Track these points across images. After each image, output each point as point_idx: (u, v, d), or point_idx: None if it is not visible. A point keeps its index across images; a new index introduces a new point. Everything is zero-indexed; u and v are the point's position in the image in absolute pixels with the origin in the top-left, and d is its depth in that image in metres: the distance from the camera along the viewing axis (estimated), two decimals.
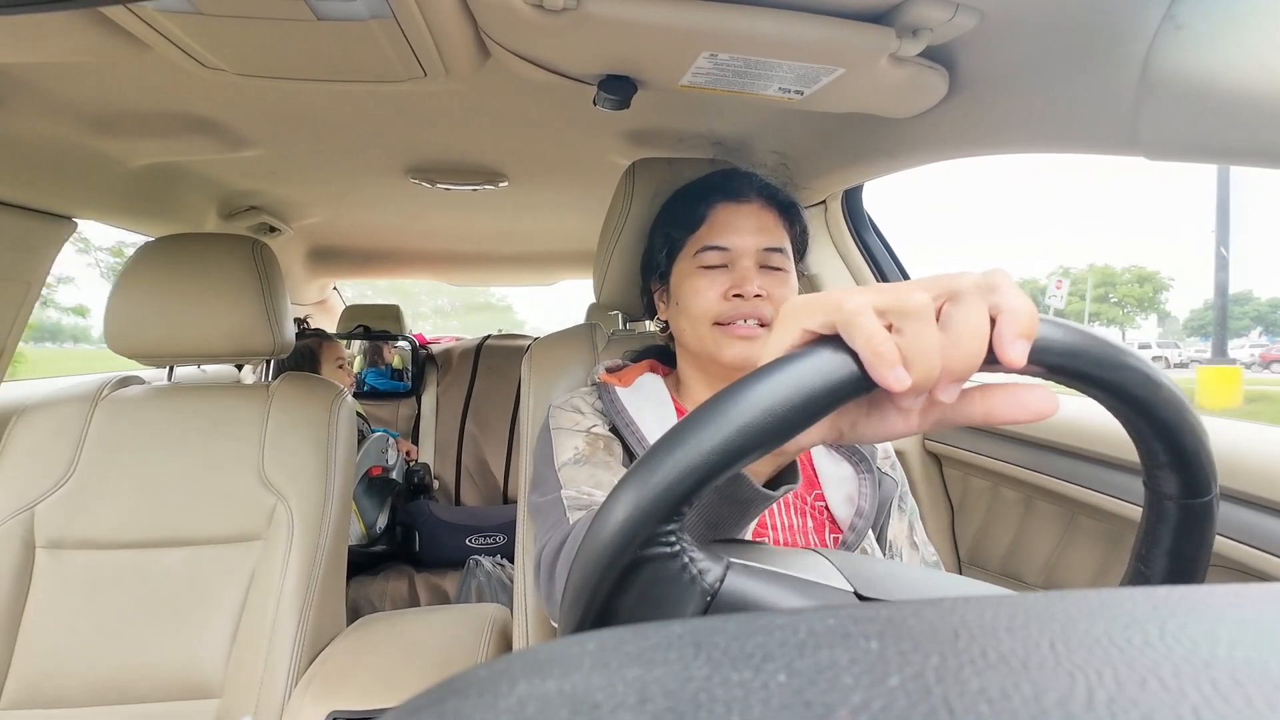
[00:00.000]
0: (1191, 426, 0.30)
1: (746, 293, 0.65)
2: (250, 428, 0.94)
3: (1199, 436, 0.30)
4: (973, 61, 0.67)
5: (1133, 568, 0.35)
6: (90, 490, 0.89)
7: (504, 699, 0.14)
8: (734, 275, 0.68)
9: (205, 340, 0.94)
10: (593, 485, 0.60)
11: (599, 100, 0.72)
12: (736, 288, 0.66)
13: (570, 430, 0.68)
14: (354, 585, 1.58)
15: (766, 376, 0.28)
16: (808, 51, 0.62)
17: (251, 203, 1.60)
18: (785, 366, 0.28)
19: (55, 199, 1.12)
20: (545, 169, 1.35)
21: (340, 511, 0.95)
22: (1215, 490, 0.31)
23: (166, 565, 0.88)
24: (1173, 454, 0.30)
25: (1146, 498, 0.33)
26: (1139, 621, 0.16)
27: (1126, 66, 0.54)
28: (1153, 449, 0.31)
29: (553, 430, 0.69)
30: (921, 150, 0.85)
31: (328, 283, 2.57)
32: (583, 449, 0.66)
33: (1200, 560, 0.33)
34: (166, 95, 0.94)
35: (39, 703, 0.81)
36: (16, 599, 0.84)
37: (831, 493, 0.66)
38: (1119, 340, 0.31)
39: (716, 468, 0.27)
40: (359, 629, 0.92)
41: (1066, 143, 0.65)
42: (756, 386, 0.27)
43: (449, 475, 2.07)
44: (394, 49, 0.65)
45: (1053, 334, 0.28)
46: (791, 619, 0.17)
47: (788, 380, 0.27)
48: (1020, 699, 0.13)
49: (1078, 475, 0.83)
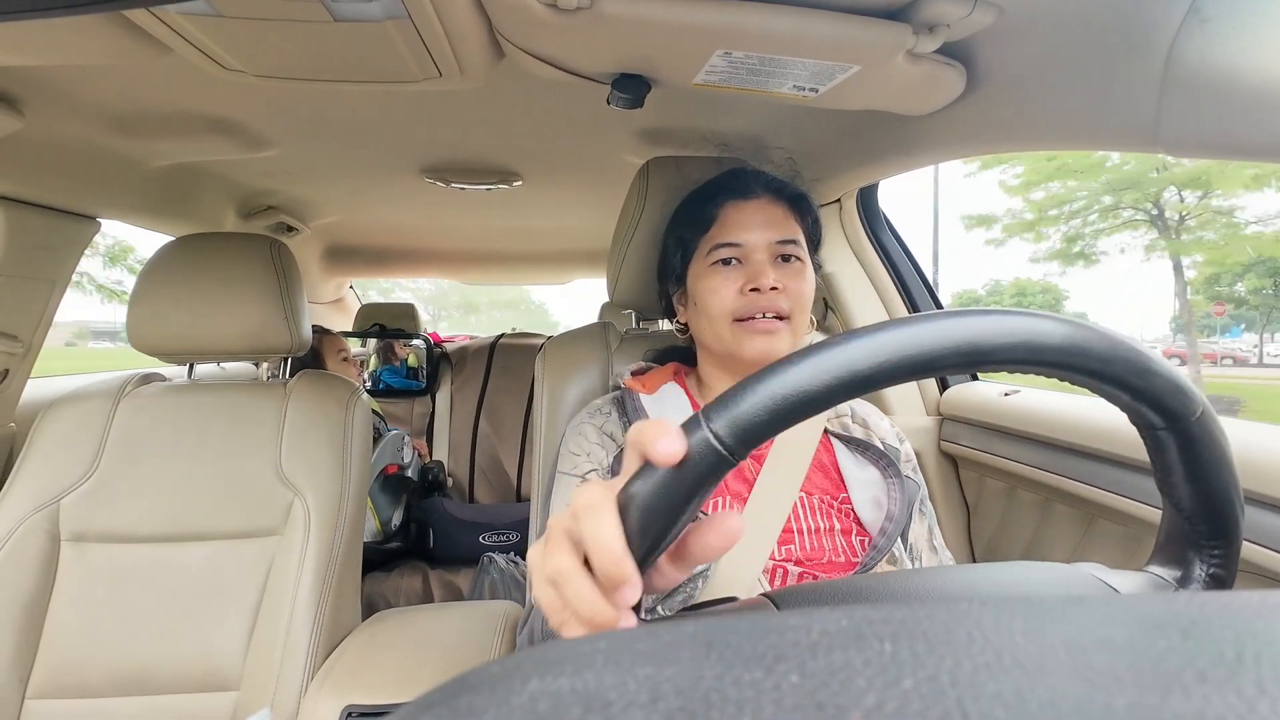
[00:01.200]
0: (1129, 360, 0.31)
1: (762, 286, 0.65)
2: (268, 425, 0.96)
3: (1144, 363, 0.31)
4: (991, 57, 0.66)
5: (1165, 505, 0.37)
6: (113, 485, 0.91)
7: (516, 695, 0.14)
8: (748, 270, 0.67)
9: (225, 338, 0.96)
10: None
11: (612, 99, 0.72)
12: (752, 282, 0.66)
13: (569, 475, 0.70)
14: (369, 581, 1.60)
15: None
16: (822, 49, 0.61)
17: (269, 202, 1.62)
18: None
19: (79, 199, 1.14)
20: (559, 168, 1.36)
21: (356, 508, 0.96)
22: (1200, 409, 0.33)
23: (186, 559, 0.89)
24: (1127, 389, 0.32)
25: (1141, 436, 0.35)
26: (1160, 626, 0.16)
27: (1149, 61, 0.53)
28: (1106, 391, 0.32)
29: (559, 466, 0.72)
30: (938, 147, 0.84)
31: (344, 281, 2.60)
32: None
33: (1221, 477, 0.34)
34: (187, 97, 0.95)
35: (64, 692, 0.83)
36: (42, 591, 0.85)
37: (858, 496, 0.66)
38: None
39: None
40: (374, 624, 0.93)
41: (1086, 139, 0.64)
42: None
43: (463, 473, 2.09)
44: (409, 49, 0.66)
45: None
46: (804, 620, 0.17)
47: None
48: (1036, 703, 0.13)
49: (1097, 477, 0.82)
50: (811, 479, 0.66)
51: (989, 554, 1.08)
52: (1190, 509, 0.35)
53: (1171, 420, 0.33)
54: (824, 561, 0.62)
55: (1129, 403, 0.33)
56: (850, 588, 0.36)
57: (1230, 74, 0.47)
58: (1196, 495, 0.34)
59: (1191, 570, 0.36)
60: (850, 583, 0.37)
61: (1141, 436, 0.35)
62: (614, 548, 0.28)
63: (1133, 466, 0.76)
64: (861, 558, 0.62)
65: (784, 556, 0.62)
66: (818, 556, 0.62)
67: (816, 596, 0.35)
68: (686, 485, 0.30)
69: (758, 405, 0.29)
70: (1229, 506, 0.34)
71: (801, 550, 0.62)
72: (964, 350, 0.30)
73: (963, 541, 1.13)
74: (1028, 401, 0.98)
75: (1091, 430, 0.83)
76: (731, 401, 0.30)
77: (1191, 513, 0.35)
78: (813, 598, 0.35)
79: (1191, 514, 0.35)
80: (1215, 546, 0.36)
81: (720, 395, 0.31)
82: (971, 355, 0.30)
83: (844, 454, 0.69)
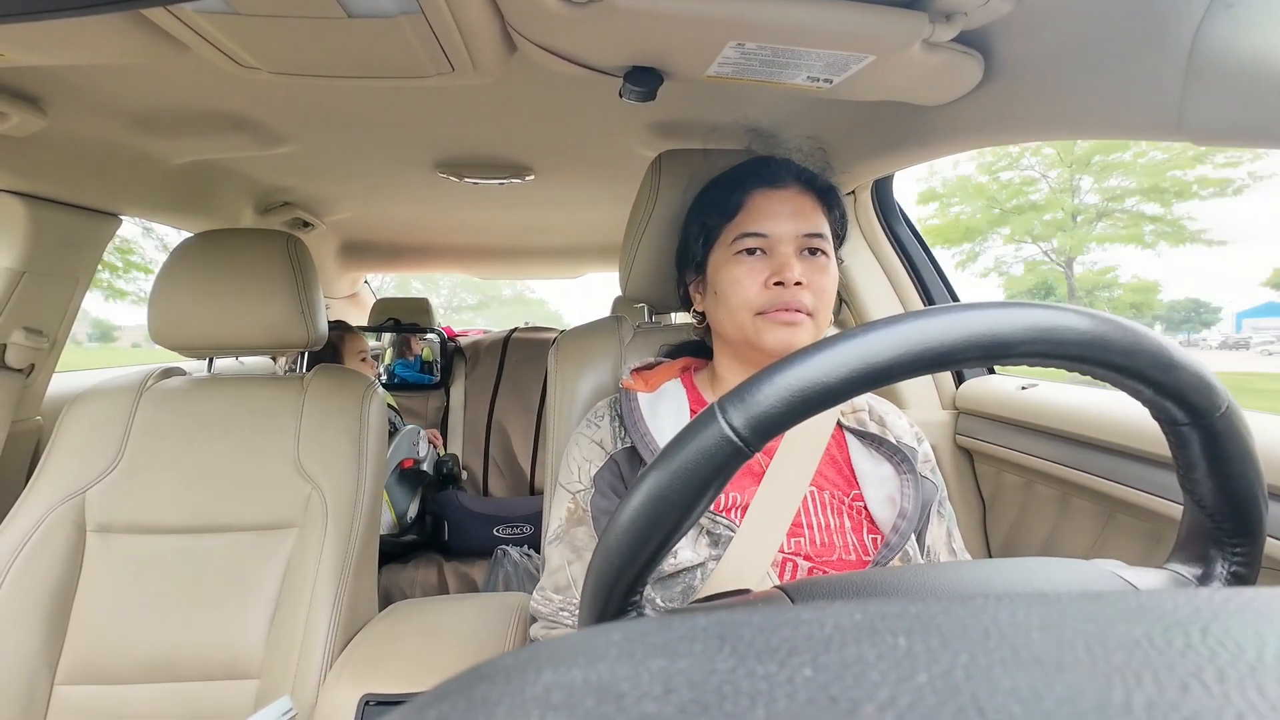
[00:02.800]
0: (1152, 354, 0.31)
1: (787, 280, 0.64)
2: (286, 418, 0.97)
3: (1169, 358, 0.31)
4: (1009, 46, 0.65)
5: (1186, 501, 0.36)
6: (136, 477, 0.93)
7: (530, 686, 0.14)
8: (773, 262, 0.66)
9: (243, 333, 0.97)
10: (562, 568, 0.69)
11: (625, 92, 0.72)
12: (777, 275, 0.65)
13: (564, 488, 0.72)
14: (386, 573, 1.62)
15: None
16: (837, 39, 0.60)
17: (285, 198, 1.64)
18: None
19: (101, 196, 1.16)
20: (571, 162, 1.36)
21: (372, 501, 0.97)
22: (1225, 404, 0.32)
23: (208, 550, 0.91)
24: (1150, 384, 0.31)
25: (1163, 431, 0.34)
26: (1181, 623, 0.16)
27: (1173, 47, 0.51)
28: (1128, 386, 0.32)
29: (559, 475, 0.75)
30: (955, 138, 0.83)
31: (359, 276, 2.62)
32: (563, 520, 0.71)
33: (1246, 473, 0.33)
34: (205, 94, 0.96)
35: (92, 679, 0.85)
36: (69, 580, 0.88)
37: (871, 492, 0.64)
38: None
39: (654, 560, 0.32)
40: (391, 615, 0.94)
41: (1108, 128, 0.63)
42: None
43: (477, 466, 2.10)
44: (422, 44, 0.66)
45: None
46: (818, 614, 0.17)
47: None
48: (1053, 700, 0.12)
49: (1117, 472, 0.80)
50: (823, 474, 0.66)
51: (1005, 550, 1.07)
52: (1213, 506, 0.34)
53: (1195, 416, 0.32)
54: (834, 559, 0.61)
55: (1152, 398, 0.32)
56: (866, 581, 0.36)
57: (1257, 60, 0.46)
58: (1220, 492, 0.34)
59: (1213, 568, 0.36)
60: (866, 576, 0.36)
61: (1164, 432, 0.34)
62: None
63: (1153, 461, 0.75)
64: (873, 555, 0.62)
65: (793, 550, 0.61)
66: (827, 553, 0.61)
67: (831, 589, 0.35)
68: (701, 476, 0.30)
69: (774, 396, 0.29)
70: (1253, 503, 0.34)
71: (811, 546, 0.62)
72: (985, 343, 0.29)
73: (978, 537, 1.12)
74: (1046, 395, 0.97)
75: (1111, 424, 0.81)
76: (748, 393, 0.30)
77: (1214, 510, 0.34)
78: (828, 591, 0.35)
79: (1214, 511, 0.34)
80: (1238, 544, 0.35)
81: (736, 386, 0.31)
82: (992, 348, 0.29)
83: (858, 449, 0.68)
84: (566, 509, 0.70)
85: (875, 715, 0.12)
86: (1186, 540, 0.37)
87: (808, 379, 0.29)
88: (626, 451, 0.69)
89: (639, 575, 0.33)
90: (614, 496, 0.68)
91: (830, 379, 0.29)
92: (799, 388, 0.29)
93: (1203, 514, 0.35)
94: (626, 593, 0.34)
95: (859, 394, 0.30)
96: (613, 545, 0.32)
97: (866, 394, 0.46)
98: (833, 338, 0.30)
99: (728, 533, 0.61)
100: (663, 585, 0.61)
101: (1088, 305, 0.44)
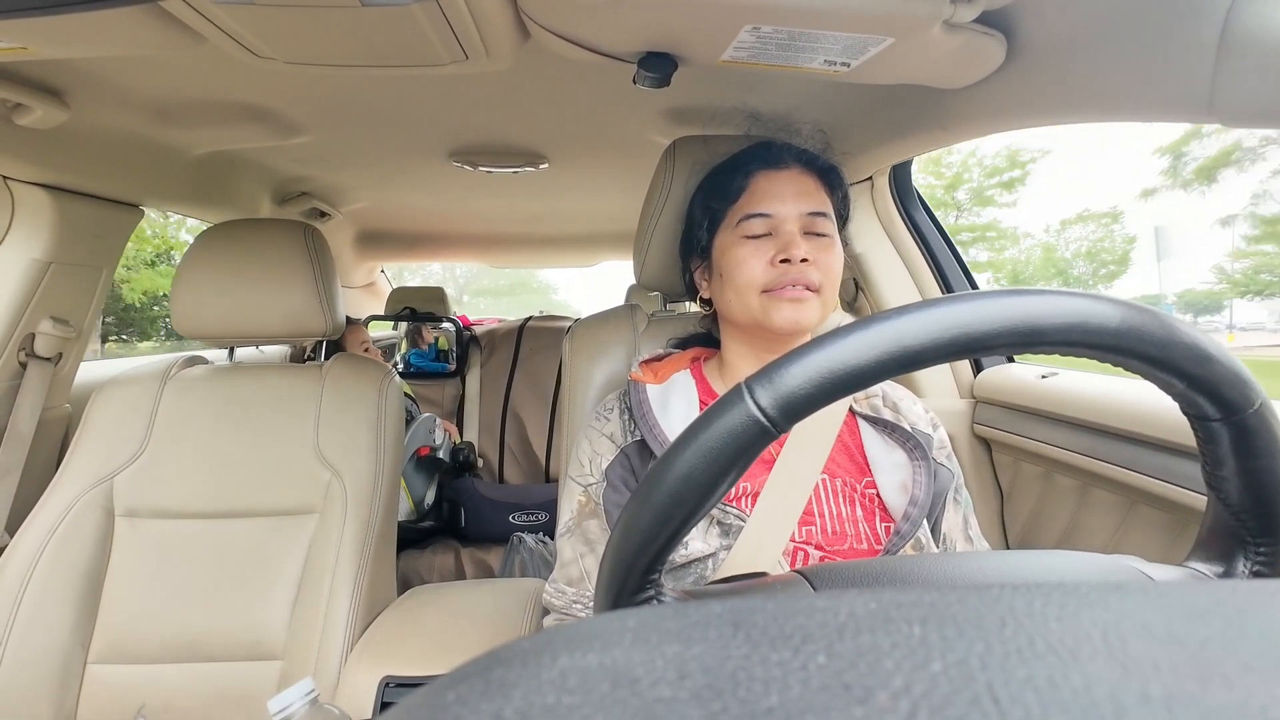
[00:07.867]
0: (1187, 347, 0.30)
1: (793, 257, 0.64)
2: (306, 406, 0.99)
3: (1204, 351, 0.30)
4: (1033, 26, 0.63)
5: (1211, 498, 0.35)
6: (162, 463, 0.95)
7: (547, 670, 0.14)
8: (779, 241, 0.66)
9: (263, 322, 0.98)
10: (574, 561, 0.69)
11: (639, 79, 0.72)
12: (783, 253, 0.64)
13: (575, 481, 0.72)
14: (404, 558, 1.65)
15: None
16: (855, 21, 0.59)
17: (302, 188, 1.65)
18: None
19: (124, 188, 1.18)
20: (585, 150, 1.35)
21: (390, 487, 0.99)
22: (1259, 401, 0.31)
23: (231, 535, 0.93)
24: (1183, 377, 0.30)
25: (1192, 426, 0.33)
26: (1201, 615, 0.15)
27: (1204, 26, 0.50)
28: (1160, 379, 0.31)
29: (569, 468, 0.75)
30: (976, 122, 0.81)
31: (375, 266, 2.64)
32: (575, 513, 0.71)
33: (1275, 472, 0.32)
34: (222, 86, 0.97)
35: (123, 658, 0.88)
36: (99, 563, 0.90)
37: (884, 480, 0.64)
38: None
39: (673, 539, 0.32)
40: (409, 599, 0.96)
41: (1135, 110, 0.61)
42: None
43: (493, 454, 2.12)
44: (436, 32, 0.66)
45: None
46: (832, 602, 0.17)
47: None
48: (1069, 690, 0.12)
49: (1138, 462, 0.79)
50: (835, 460, 0.65)
51: (1023, 540, 1.06)
52: (1239, 504, 0.34)
53: (1228, 412, 0.31)
54: (845, 548, 0.61)
55: (1183, 391, 0.31)
56: (884, 568, 0.35)
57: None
58: (1247, 490, 0.33)
59: (1235, 566, 0.35)
60: (884, 563, 0.36)
61: (1192, 427, 0.33)
62: None
63: (1177, 451, 0.74)
64: (885, 543, 0.61)
65: (804, 539, 0.61)
66: (839, 542, 0.61)
67: (851, 575, 0.35)
68: (727, 456, 0.29)
69: (802, 376, 0.29)
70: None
71: (822, 534, 0.61)
72: (1020, 330, 0.29)
73: (996, 527, 1.11)
74: (1067, 384, 0.96)
75: (1135, 413, 0.80)
76: (776, 372, 0.29)
77: (1240, 508, 0.34)
78: (847, 576, 0.35)
79: (1240, 509, 0.34)
80: (1262, 543, 0.34)
81: (765, 366, 0.30)
82: (1026, 335, 0.29)
83: (870, 436, 0.67)
84: (578, 501, 0.71)
85: (889, 703, 0.12)
86: (1209, 538, 0.37)
87: (838, 360, 0.29)
88: (637, 444, 0.69)
89: (658, 554, 0.33)
90: (625, 490, 0.68)
91: (862, 361, 0.29)
92: (829, 369, 0.29)
93: (1227, 512, 0.34)
94: (645, 571, 0.34)
95: (890, 377, 0.29)
96: (633, 523, 0.32)
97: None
98: (865, 319, 0.30)
99: (738, 522, 0.61)
100: (673, 576, 0.62)
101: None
